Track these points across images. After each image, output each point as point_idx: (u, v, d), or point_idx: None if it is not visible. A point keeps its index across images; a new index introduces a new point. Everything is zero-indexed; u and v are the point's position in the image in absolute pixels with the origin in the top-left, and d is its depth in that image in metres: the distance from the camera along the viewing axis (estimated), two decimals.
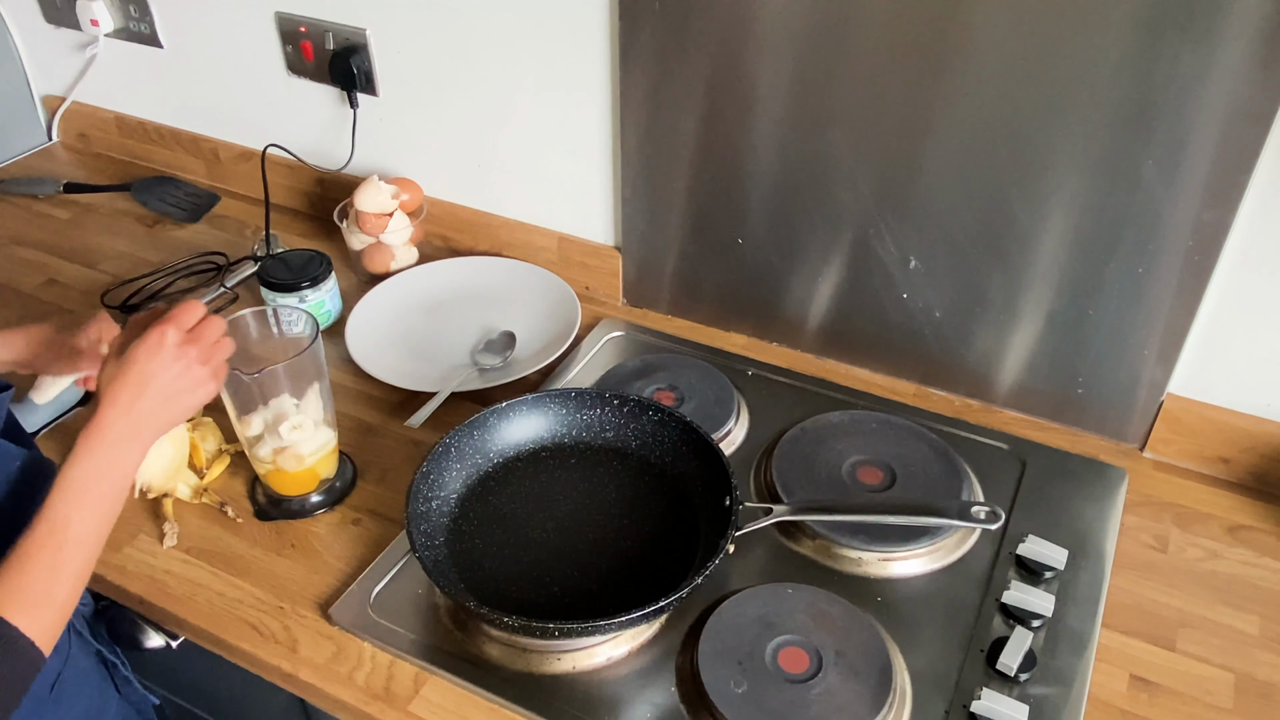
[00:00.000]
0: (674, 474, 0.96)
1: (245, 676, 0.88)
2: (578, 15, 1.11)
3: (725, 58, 1.03)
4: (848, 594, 0.86)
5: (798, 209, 1.08)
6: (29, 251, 1.39)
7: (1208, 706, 0.81)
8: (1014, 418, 1.09)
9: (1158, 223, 0.92)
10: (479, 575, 0.87)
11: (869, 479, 0.98)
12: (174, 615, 0.89)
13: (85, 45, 1.53)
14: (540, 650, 0.82)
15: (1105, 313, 0.99)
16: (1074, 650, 0.83)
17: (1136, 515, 0.97)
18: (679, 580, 0.82)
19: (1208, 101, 0.85)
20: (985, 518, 0.86)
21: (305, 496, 0.97)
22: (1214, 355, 0.98)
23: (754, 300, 1.18)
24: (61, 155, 1.65)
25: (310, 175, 1.42)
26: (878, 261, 1.08)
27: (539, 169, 1.25)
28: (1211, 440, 1.01)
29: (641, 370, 1.10)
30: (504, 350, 1.15)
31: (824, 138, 1.03)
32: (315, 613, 0.88)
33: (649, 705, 0.79)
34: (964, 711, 0.78)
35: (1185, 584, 0.91)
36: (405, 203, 1.28)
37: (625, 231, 1.22)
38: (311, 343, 0.90)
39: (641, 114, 1.11)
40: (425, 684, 0.82)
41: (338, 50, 1.29)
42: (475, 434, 0.96)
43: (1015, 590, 0.86)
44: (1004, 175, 0.96)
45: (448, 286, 1.28)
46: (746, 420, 1.07)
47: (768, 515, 0.89)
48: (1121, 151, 0.90)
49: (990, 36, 0.91)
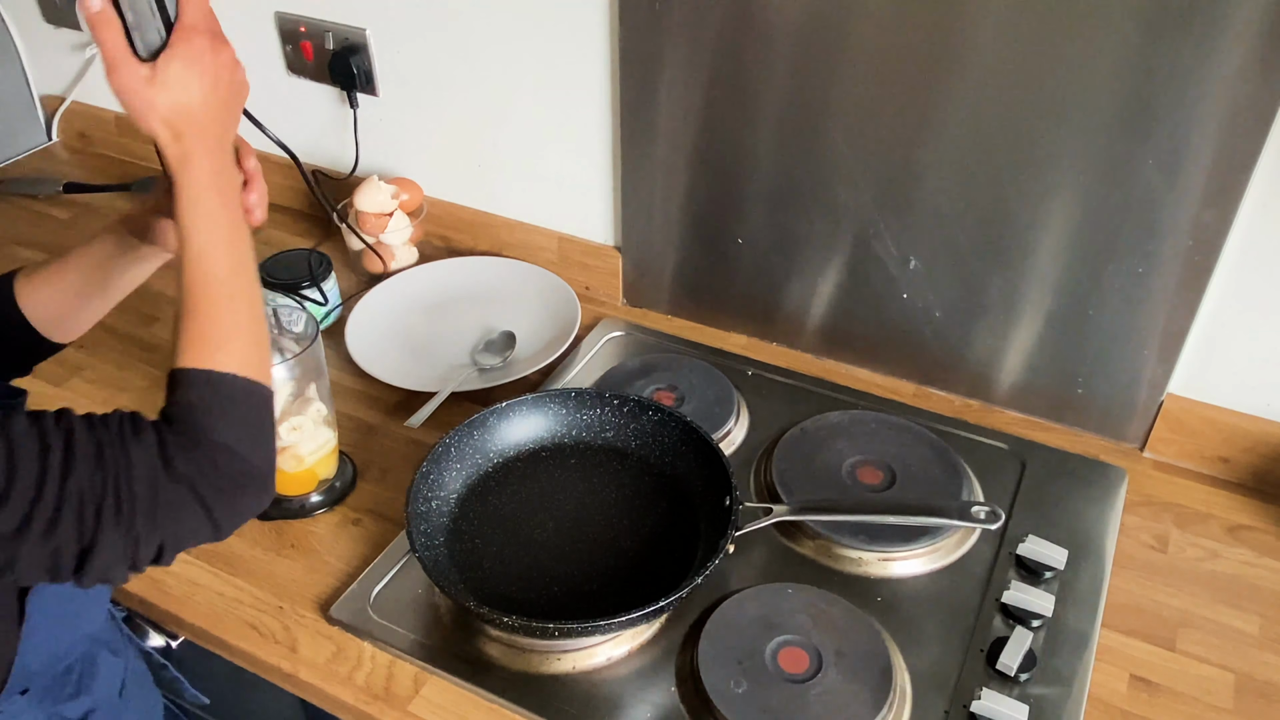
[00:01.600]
0: (674, 474, 0.96)
1: (245, 676, 0.88)
2: (578, 15, 1.11)
3: (725, 58, 1.03)
4: (848, 594, 0.86)
5: (798, 209, 1.08)
6: (29, 251, 1.38)
7: (1208, 706, 0.81)
8: (1014, 418, 1.09)
9: (1158, 223, 0.92)
10: (479, 575, 0.87)
11: (869, 479, 0.98)
12: (174, 615, 0.89)
13: (85, 45, 1.53)
14: (540, 650, 0.82)
15: (1105, 313, 0.99)
16: (1074, 650, 0.83)
17: (1136, 515, 0.97)
18: (679, 580, 0.82)
19: (1208, 101, 0.85)
20: (985, 518, 0.86)
21: (305, 496, 0.97)
22: (1214, 355, 0.98)
23: (754, 300, 1.18)
24: (61, 155, 1.65)
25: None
26: (878, 261, 1.08)
27: (539, 169, 1.25)
28: (1211, 440, 1.01)
29: (641, 370, 1.10)
30: (504, 350, 1.15)
31: (824, 138, 1.03)
32: (315, 613, 0.88)
33: (649, 705, 0.79)
34: (964, 711, 0.78)
35: (1185, 584, 0.91)
36: (405, 203, 1.28)
37: (625, 231, 1.22)
38: (311, 342, 0.90)
39: (641, 114, 1.11)
40: (425, 684, 0.82)
41: (338, 50, 1.29)
42: (475, 434, 0.96)
43: (1015, 590, 0.86)
44: (1004, 175, 0.96)
45: (448, 286, 1.28)
46: (746, 420, 1.07)
47: (768, 515, 0.89)
48: (1121, 151, 0.90)
49: (990, 36, 0.91)
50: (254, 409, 0.66)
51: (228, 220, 0.70)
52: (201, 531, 0.63)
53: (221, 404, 0.64)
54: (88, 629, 0.79)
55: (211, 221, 0.68)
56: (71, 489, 0.58)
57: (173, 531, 0.61)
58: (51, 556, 0.58)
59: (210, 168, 0.69)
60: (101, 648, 0.83)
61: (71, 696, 0.79)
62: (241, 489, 0.64)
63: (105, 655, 0.83)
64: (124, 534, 0.59)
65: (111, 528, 0.59)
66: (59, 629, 0.75)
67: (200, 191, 0.68)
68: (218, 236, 0.68)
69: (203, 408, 0.63)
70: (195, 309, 0.66)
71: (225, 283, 0.67)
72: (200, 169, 0.69)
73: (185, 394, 0.64)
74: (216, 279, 0.67)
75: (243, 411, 0.65)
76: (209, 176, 0.69)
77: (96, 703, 0.81)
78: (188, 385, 0.64)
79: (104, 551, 0.59)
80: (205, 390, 0.64)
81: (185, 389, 0.64)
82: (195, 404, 0.63)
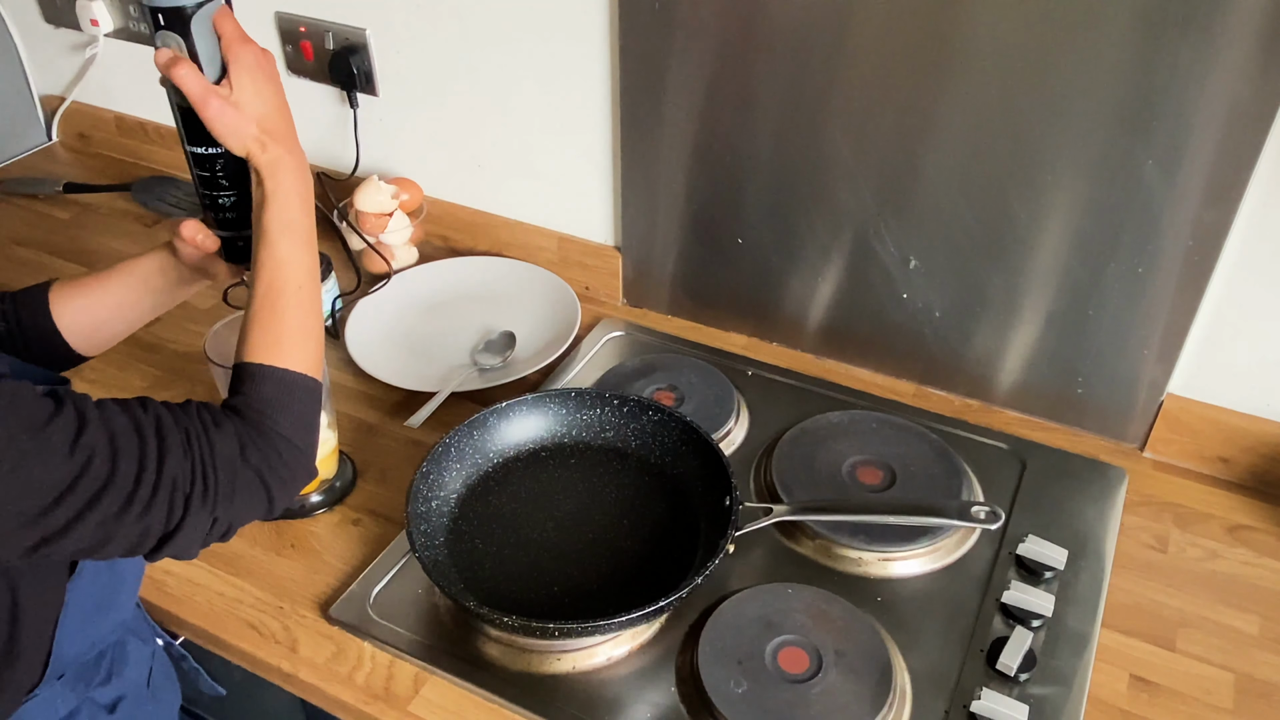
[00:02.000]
0: (674, 474, 0.96)
1: (245, 676, 0.88)
2: (578, 15, 1.11)
3: (725, 57, 1.03)
4: (848, 594, 0.86)
5: (798, 209, 1.08)
6: (29, 251, 1.39)
7: (1208, 706, 0.81)
8: (1014, 418, 1.09)
9: (1158, 223, 0.92)
10: (479, 575, 0.87)
11: (869, 479, 0.98)
12: (174, 615, 0.89)
13: (85, 45, 1.53)
14: (540, 650, 0.82)
15: (1105, 313, 0.99)
16: (1074, 650, 0.83)
17: (1136, 515, 0.97)
18: (679, 580, 0.82)
19: (1208, 101, 0.85)
20: (985, 518, 0.86)
21: (305, 496, 0.97)
22: (1214, 355, 0.98)
23: (754, 300, 1.18)
24: (61, 155, 1.65)
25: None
26: (878, 261, 1.08)
27: (539, 169, 1.25)
28: (1211, 440, 1.01)
29: (641, 370, 1.10)
30: (504, 350, 1.15)
31: (824, 137, 1.03)
32: (315, 613, 0.88)
33: (649, 705, 0.79)
34: (964, 711, 0.78)
35: (1185, 584, 0.91)
36: (405, 203, 1.28)
37: (625, 231, 1.22)
38: None
39: (641, 114, 1.11)
40: (425, 684, 0.82)
41: (338, 50, 1.29)
42: (475, 434, 0.96)
43: (1015, 590, 0.86)
44: (1004, 175, 0.96)
45: (448, 286, 1.28)
46: (746, 420, 1.07)
47: (768, 515, 0.89)
48: (1121, 151, 0.90)
49: (990, 36, 0.91)
50: (312, 405, 0.72)
51: (308, 226, 0.74)
52: (260, 510, 0.68)
53: (287, 400, 0.70)
54: (120, 616, 0.81)
55: (295, 229, 0.73)
56: (167, 474, 0.62)
57: (241, 512, 0.67)
58: (140, 535, 0.62)
59: (296, 174, 0.74)
60: (131, 636, 0.85)
61: (103, 682, 0.81)
62: (295, 475, 0.70)
63: (135, 643, 0.85)
64: (207, 515, 0.64)
65: (198, 510, 0.64)
66: (96, 615, 0.77)
67: (289, 198, 0.73)
68: (300, 242, 0.73)
69: (274, 402, 0.69)
70: (271, 311, 0.71)
71: (302, 288, 0.72)
72: (288, 175, 0.73)
73: (257, 388, 0.69)
74: (295, 284, 0.72)
75: (302, 407, 0.71)
76: (295, 183, 0.74)
77: (125, 689, 0.83)
78: (261, 380, 0.69)
79: (188, 531, 0.64)
80: (276, 387, 0.70)
81: (258, 383, 0.69)
82: (267, 399, 0.69)
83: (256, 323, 0.71)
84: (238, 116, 0.72)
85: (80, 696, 0.78)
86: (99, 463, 0.60)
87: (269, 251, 0.72)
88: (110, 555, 0.62)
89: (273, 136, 0.73)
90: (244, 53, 0.73)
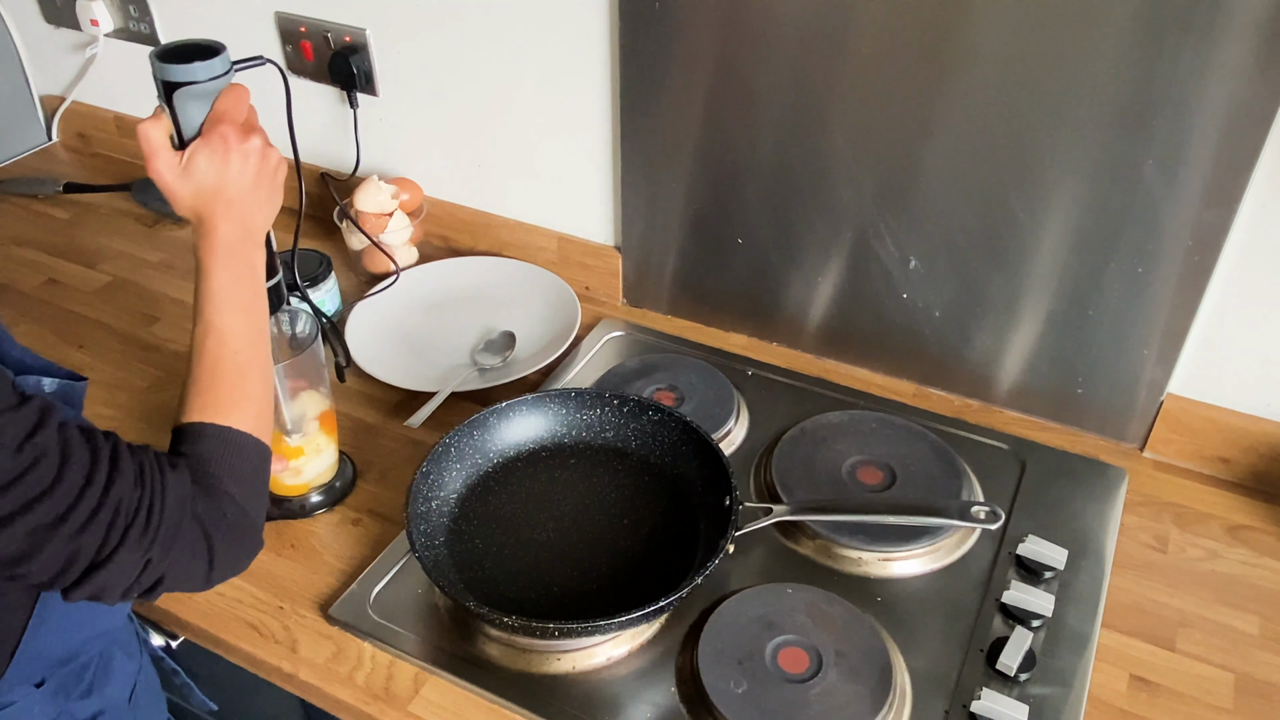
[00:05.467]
0: (674, 474, 0.96)
1: (238, 688, 0.88)
2: (578, 15, 1.11)
3: (725, 58, 1.03)
4: (848, 594, 0.86)
5: (798, 209, 1.08)
6: (29, 251, 1.38)
7: (1208, 706, 0.81)
8: (1014, 418, 1.09)
9: (1158, 223, 0.92)
10: (479, 575, 0.87)
11: (869, 479, 0.98)
12: (173, 615, 0.89)
13: (85, 45, 1.53)
14: (540, 650, 0.82)
15: (1105, 313, 0.99)
16: (1074, 650, 0.83)
17: (1136, 515, 0.97)
18: (679, 580, 0.82)
19: (1208, 101, 0.85)
20: (985, 518, 0.86)
21: (305, 496, 0.97)
22: (1214, 355, 0.98)
23: (754, 300, 1.18)
24: (61, 155, 1.65)
25: (310, 175, 1.42)
26: (878, 261, 1.08)
27: (539, 169, 1.25)
28: (1211, 440, 1.01)
29: (641, 370, 1.10)
30: (504, 350, 1.15)
31: (824, 137, 1.03)
32: (315, 613, 0.88)
33: (649, 705, 0.79)
34: (964, 711, 0.78)
35: (1185, 584, 0.91)
36: (405, 203, 1.28)
37: (625, 231, 1.22)
38: (312, 343, 0.90)
39: (641, 114, 1.11)
40: (425, 684, 0.82)
41: (338, 50, 1.29)
42: (475, 434, 0.96)
43: (1015, 590, 0.86)
44: (1004, 175, 0.96)
45: (448, 286, 1.28)
46: (746, 420, 1.07)
47: (768, 515, 0.89)
48: (1121, 151, 0.90)
49: (990, 36, 0.91)
50: (258, 466, 0.71)
51: (243, 294, 0.73)
52: (196, 577, 0.66)
53: (231, 458, 0.68)
54: (107, 625, 0.80)
55: (223, 295, 0.72)
56: (112, 496, 0.60)
57: (176, 567, 0.64)
58: (68, 558, 0.60)
59: (227, 245, 0.73)
60: (118, 649, 0.84)
61: (83, 695, 0.80)
62: (240, 539, 0.68)
63: (121, 657, 0.84)
64: (141, 554, 0.62)
65: (135, 543, 0.61)
66: (82, 618, 0.76)
67: (215, 267, 0.73)
68: (232, 308, 0.72)
69: (215, 459, 0.67)
70: (206, 374, 0.70)
71: (239, 353, 0.72)
72: (216, 246, 0.73)
73: (197, 446, 0.68)
74: (231, 350, 0.71)
75: (250, 467, 0.70)
76: (224, 253, 0.73)
77: (106, 705, 0.82)
78: (200, 438, 0.68)
79: (115, 568, 0.61)
80: (217, 444, 0.68)
81: (197, 441, 0.68)
82: (208, 455, 0.67)
83: (191, 384, 0.70)
84: (175, 183, 0.73)
85: (59, 708, 0.78)
86: (45, 467, 0.57)
87: (199, 319, 0.72)
88: (28, 577, 0.59)
89: (210, 212, 0.73)
90: (218, 132, 0.74)
